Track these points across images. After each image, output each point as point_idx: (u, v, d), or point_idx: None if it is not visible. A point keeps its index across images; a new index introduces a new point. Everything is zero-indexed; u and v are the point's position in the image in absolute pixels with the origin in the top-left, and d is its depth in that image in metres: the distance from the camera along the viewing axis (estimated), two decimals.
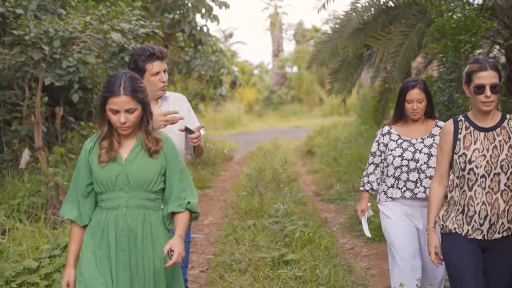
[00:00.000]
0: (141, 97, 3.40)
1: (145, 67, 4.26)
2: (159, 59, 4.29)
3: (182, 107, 4.50)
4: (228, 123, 28.86)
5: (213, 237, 8.45)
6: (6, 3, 9.87)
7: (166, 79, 4.35)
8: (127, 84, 3.36)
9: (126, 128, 3.41)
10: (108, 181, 3.45)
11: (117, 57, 9.43)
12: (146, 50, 4.28)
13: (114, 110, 3.37)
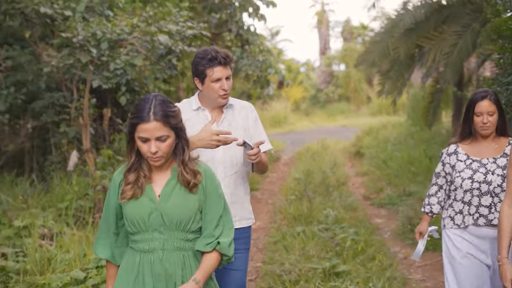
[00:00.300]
0: (174, 123, 2.99)
1: (205, 72, 3.93)
2: (221, 64, 3.91)
3: (248, 117, 4.12)
4: (275, 122, 28.69)
5: (262, 243, 8.27)
6: (55, 5, 9.87)
7: (228, 87, 3.97)
8: (158, 108, 2.96)
9: (157, 158, 3.00)
10: (140, 220, 3.05)
11: (164, 59, 9.34)
12: (208, 54, 3.93)
13: (144, 138, 2.95)
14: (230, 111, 4.08)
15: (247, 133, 4.04)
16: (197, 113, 4.03)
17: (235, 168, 4.01)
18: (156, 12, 10.12)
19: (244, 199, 4.13)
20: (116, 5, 10.97)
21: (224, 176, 3.95)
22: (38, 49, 10.48)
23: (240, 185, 4.05)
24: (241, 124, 4.07)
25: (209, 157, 3.89)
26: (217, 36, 16.45)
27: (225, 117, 4.05)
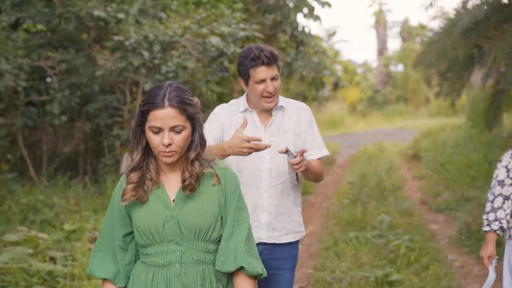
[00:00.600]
0: (191, 111, 2.59)
1: (248, 72, 3.56)
2: (265, 64, 3.52)
3: (301, 120, 3.68)
4: (331, 124, 28.39)
5: (314, 248, 8.10)
6: (108, 8, 9.91)
7: (273, 89, 3.56)
8: (173, 94, 2.56)
9: (170, 153, 2.57)
10: (153, 230, 2.63)
11: (216, 61, 9.27)
12: (250, 52, 3.55)
13: (156, 127, 2.54)
14: (280, 114, 3.70)
15: (298, 138, 3.66)
16: (244, 116, 3.63)
17: (282, 177, 3.62)
18: (209, 14, 10.06)
19: (292, 211, 3.70)
20: (169, 7, 10.96)
21: (269, 186, 3.60)
22: (92, 52, 10.55)
23: (288, 196, 3.65)
24: (292, 128, 3.66)
25: (254, 165, 3.59)
26: (271, 37, 16.34)
27: (273, 120, 3.67)
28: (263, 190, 3.60)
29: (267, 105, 3.60)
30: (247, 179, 3.59)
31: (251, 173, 3.59)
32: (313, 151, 3.66)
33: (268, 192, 3.60)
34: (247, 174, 3.60)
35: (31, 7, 10.23)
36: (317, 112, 28.80)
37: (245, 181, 3.56)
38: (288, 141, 3.62)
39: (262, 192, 3.60)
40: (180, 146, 2.58)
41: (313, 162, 3.59)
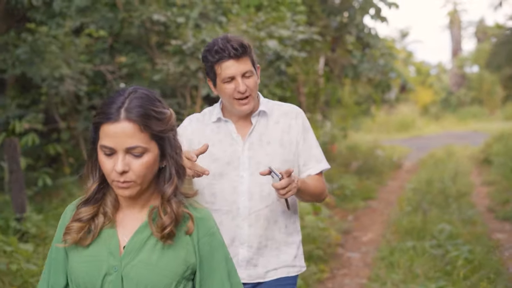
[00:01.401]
0: (158, 129, 1.91)
1: (214, 68, 2.88)
2: (232, 57, 2.82)
3: (291, 127, 3.01)
4: (401, 127, 27.87)
5: (370, 257, 7.89)
6: (169, 13, 9.97)
7: (245, 88, 2.85)
8: (135, 103, 1.89)
9: (126, 184, 1.91)
10: (89, 284, 1.97)
11: (274, 65, 9.19)
12: (214, 44, 2.87)
13: (108, 148, 1.89)
14: (263, 121, 3.01)
15: (287, 150, 2.98)
16: (217, 127, 3.00)
17: (266, 201, 2.94)
18: (268, 18, 9.98)
19: (283, 242, 3.02)
20: (230, 11, 10.94)
21: (248, 212, 2.93)
22: (154, 56, 10.63)
23: (276, 223, 2.96)
24: (279, 138, 2.98)
25: (230, 188, 2.94)
26: (337, 39, 16.15)
27: (253, 129, 2.99)
28: (241, 218, 2.94)
29: (241, 109, 2.91)
30: (222, 205, 2.93)
31: (226, 197, 2.93)
32: (310, 165, 3.02)
33: (248, 220, 2.94)
34: (222, 198, 2.93)
35: (95, 12, 10.40)
36: (388, 114, 28.36)
37: (220, 208, 2.93)
38: (274, 154, 2.96)
39: (240, 221, 2.93)
40: (140, 175, 1.91)
41: (310, 180, 2.96)
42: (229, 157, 2.95)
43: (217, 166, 2.94)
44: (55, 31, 9.88)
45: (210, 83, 2.99)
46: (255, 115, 3.00)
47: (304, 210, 8.15)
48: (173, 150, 1.99)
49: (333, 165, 14.64)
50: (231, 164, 2.94)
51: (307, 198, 3.01)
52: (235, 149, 2.96)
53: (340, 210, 10.47)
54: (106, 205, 2.03)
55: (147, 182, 1.97)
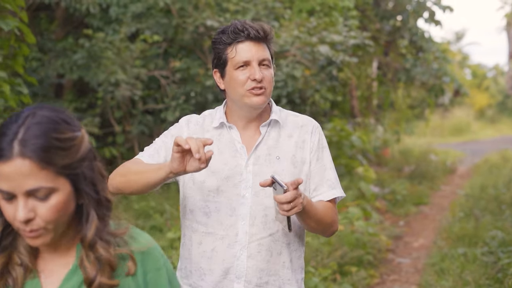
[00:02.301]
0: (65, 162, 1.51)
1: (225, 52, 2.43)
2: (251, 39, 2.40)
3: (305, 142, 2.53)
4: (456, 130, 27.51)
5: (421, 263, 7.87)
6: (221, 18, 10.12)
7: (261, 76, 2.40)
8: (32, 133, 1.49)
9: (34, 233, 1.54)
10: None
11: (325, 70, 9.24)
12: (231, 25, 2.45)
13: (5, 193, 1.51)
14: (274, 132, 2.53)
15: (299, 169, 2.49)
16: (218, 134, 2.53)
17: (271, 228, 2.46)
18: (320, 23, 10.03)
19: (286, 279, 2.52)
20: (282, 16, 11.03)
21: (249, 240, 2.44)
22: (207, 61, 10.79)
23: (280, 256, 2.47)
24: (291, 154, 2.50)
25: (228, 208, 2.45)
26: (390, 43, 16.08)
27: (262, 141, 2.50)
28: (239, 247, 2.44)
29: (254, 100, 2.42)
30: (217, 228, 2.45)
31: (222, 219, 2.44)
32: (322, 190, 2.52)
33: (247, 249, 2.44)
34: (217, 220, 2.45)
35: (150, 18, 10.63)
36: (442, 118, 28.02)
37: (214, 232, 2.45)
38: (283, 172, 2.46)
39: (239, 249, 2.44)
40: (50, 221, 1.54)
41: (320, 204, 2.47)
42: (229, 171, 2.45)
43: (214, 180, 2.45)
44: (111, 36, 10.14)
45: (216, 75, 2.52)
46: (265, 125, 2.51)
47: (354, 215, 8.17)
48: (90, 183, 1.59)
49: (385, 169, 14.60)
50: (231, 180, 2.44)
51: (313, 225, 2.44)
52: (237, 163, 2.46)
53: (391, 215, 10.43)
54: (20, 252, 1.63)
55: (62, 226, 1.59)
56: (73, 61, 10.35)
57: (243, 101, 2.43)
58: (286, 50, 9.22)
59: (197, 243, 2.49)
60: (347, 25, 10.37)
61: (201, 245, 2.48)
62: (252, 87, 2.39)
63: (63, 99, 11.53)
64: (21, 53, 5.68)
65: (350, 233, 7.49)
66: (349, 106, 15.91)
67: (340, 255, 6.78)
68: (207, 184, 2.45)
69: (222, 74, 2.47)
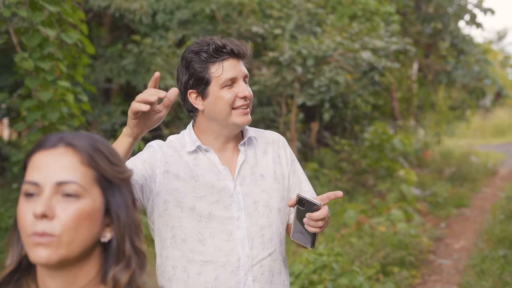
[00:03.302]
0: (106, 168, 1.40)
1: (207, 71, 2.30)
2: (234, 56, 2.31)
3: (280, 157, 2.49)
4: (497, 132, 27.35)
5: (462, 264, 8.04)
6: (266, 25, 10.41)
7: (250, 94, 2.34)
8: (81, 135, 1.42)
9: (44, 239, 1.33)
10: None
11: (367, 75, 9.46)
12: (207, 43, 2.31)
13: (32, 184, 1.36)
14: (251, 150, 2.46)
15: (281, 185, 2.45)
16: (194, 158, 2.38)
17: (269, 248, 2.38)
18: (362, 29, 10.25)
19: None
20: (324, 21, 11.28)
21: (251, 263, 2.33)
22: (251, 66, 11.11)
23: (280, 275, 2.42)
24: (271, 171, 2.45)
25: (224, 233, 2.32)
26: (431, 46, 16.19)
27: (244, 160, 2.41)
28: (244, 271, 2.31)
29: (242, 120, 2.34)
30: (217, 255, 2.30)
31: (220, 246, 2.31)
32: None
33: (252, 273, 2.33)
34: (214, 247, 2.31)
35: (196, 25, 10.97)
36: (484, 119, 27.87)
37: (213, 259, 2.30)
38: (270, 190, 2.41)
39: (243, 275, 2.31)
40: (68, 229, 1.34)
41: None
42: (218, 195, 2.33)
43: (204, 205, 2.31)
44: (158, 42, 10.50)
45: (191, 96, 2.35)
46: (242, 144, 2.43)
47: (396, 217, 8.37)
48: (126, 214, 1.42)
49: (426, 171, 14.73)
50: (221, 203, 2.32)
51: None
52: (224, 185, 2.34)
53: (433, 217, 10.58)
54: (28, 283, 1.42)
55: (78, 248, 1.36)
56: (121, 66, 10.74)
57: (229, 120, 2.33)
58: (329, 56, 9.46)
59: (195, 274, 2.31)
60: (389, 30, 10.56)
61: (201, 276, 2.30)
62: (240, 105, 2.31)
63: (111, 102, 11.95)
64: (81, 63, 6.04)
65: (392, 234, 7.70)
66: (390, 108, 16.06)
67: (383, 256, 7.00)
68: (197, 210, 2.30)
69: (202, 94, 2.32)
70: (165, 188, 2.30)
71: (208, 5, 10.43)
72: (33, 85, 5.42)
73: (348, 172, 11.19)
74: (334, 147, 11.51)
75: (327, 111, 9.86)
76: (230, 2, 10.43)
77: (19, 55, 5.42)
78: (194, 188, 2.31)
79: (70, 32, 5.61)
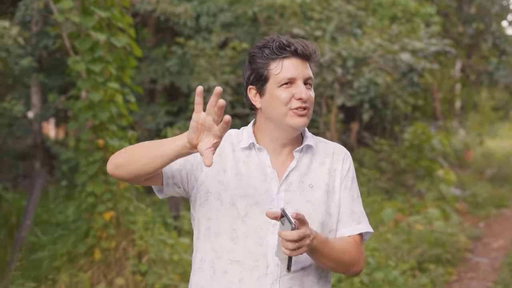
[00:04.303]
0: None
1: (267, 68, 2.24)
2: (298, 56, 2.23)
3: (336, 170, 2.34)
4: None
5: (498, 263, 8.14)
6: (307, 27, 10.62)
7: (307, 96, 2.23)
8: None
9: None
10: None
11: (407, 76, 9.59)
12: (272, 40, 2.25)
13: None
14: (307, 158, 2.35)
15: (331, 199, 2.32)
16: (247, 156, 2.33)
17: (303, 261, 2.27)
18: (401, 31, 10.38)
19: None
20: (365, 23, 11.43)
21: (279, 274, 2.24)
22: None
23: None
24: (325, 182, 2.32)
25: (256, 238, 2.24)
26: (473, 46, 16.18)
27: (296, 166, 2.31)
28: (271, 280, 2.23)
29: (297, 121, 2.23)
30: (246, 257, 2.24)
31: (251, 248, 2.24)
32: (346, 223, 2.33)
33: (279, 284, 2.23)
34: (245, 248, 2.25)
35: (238, 27, 11.24)
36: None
37: (242, 260, 2.24)
38: (317, 202, 2.30)
39: (269, 283, 2.22)
40: None
41: (339, 242, 2.29)
42: (259, 197, 2.25)
43: (243, 204, 2.25)
44: (202, 44, 10.79)
45: (251, 92, 2.30)
46: (298, 150, 2.32)
47: (433, 215, 8.50)
48: None
49: (466, 172, 14.76)
50: (261, 206, 2.24)
51: (329, 264, 2.25)
52: (268, 188, 2.26)
53: (472, 217, 10.66)
54: None
55: None
56: (165, 67, 11.07)
57: (283, 121, 2.24)
58: (369, 57, 9.63)
59: (221, 272, 2.26)
60: (429, 31, 10.67)
61: (226, 274, 2.25)
62: (296, 107, 2.21)
63: (156, 103, 12.30)
64: (128, 66, 6.33)
65: (429, 232, 7.85)
66: (431, 108, 16.10)
67: (419, 253, 7.16)
68: (235, 208, 2.25)
69: (260, 91, 2.26)
70: (210, 179, 2.26)
71: (251, 7, 10.68)
72: (84, 86, 5.73)
73: (387, 171, 11.32)
74: (374, 147, 11.66)
75: (366, 111, 10.02)
76: (272, 4, 10.65)
77: (72, 58, 5.74)
78: (236, 185, 2.26)
79: (119, 36, 5.92)
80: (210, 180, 2.27)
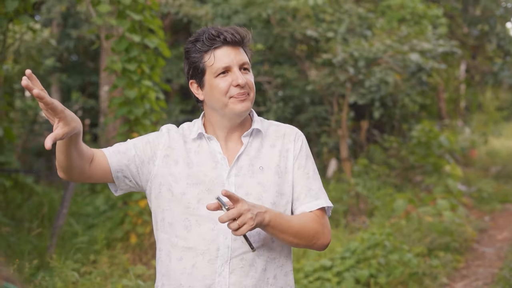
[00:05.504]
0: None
1: (202, 60, 2.32)
2: (228, 43, 2.30)
3: (288, 151, 2.41)
4: None
5: (504, 252, 8.55)
6: (319, 29, 11.06)
7: (244, 81, 2.31)
8: None
9: None
10: None
11: (415, 76, 10.00)
12: (204, 32, 2.33)
13: None
14: (256, 141, 2.42)
15: (283, 180, 2.38)
16: (198, 145, 2.41)
17: (254, 242, 2.32)
18: (410, 32, 10.81)
19: None
20: (374, 25, 11.86)
21: (230, 255, 2.31)
22: (304, 68, 11.76)
23: (264, 272, 2.34)
24: (275, 164, 2.39)
25: (208, 223, 2.29)
26: (478, 47, 16.58)
27: (245, 150, 2.39)
28: (221, 262, 2.30)
29: (238, 107, 2.32)
30: (198, 243, 2.30)
31: (204, 234, 2.30)
32: (305, 200, 2.38)
33: (229, 265, 2.29)
34: (198, 234, 2.31)
35: (252, 29, 11.65)
36: None
37: (195, 246, 2.30)
38: (267, 183, 2.35)
39: (220, 265, 2.29)
40: None
41: (299, 217, 2.34)
42: (210, 183, 2.32)
43: (195, 192, 2.31)
44: None
45: (193, 86, 2.40)
46: (247, 135, 2.40)
47: (442, 206, 8.91)
48: None
49: (472, 169, 15.14)
50: (213, 192, 2.30)
51: (291, 240, 2.30)
52: (219, 174, 2.34)
53: (477, 211, 11.04)
54: None
55: None
56: (180, 67, 11.49)
57: (226, 109, 2.32)
58: (379, 58, 10.05)
59: (176, 259, 2.33)
60: (436, 33, 11.08)
61: (181, 261, 2.31)
62: (236, 94, 2.29)
63: (171, 102, 12.74)
64: (158, 65, 6.79)
65: (438, 222, 8.26)
66: (437, 108, 16.49)
67: (429, 241, 7.59)
68: (187, 197, 2.31)
69: (200, 84, 2.36)
70: (162, 172, 2.35)
71: (265, 9, 11.12)
72: (121, 84, 6.20)
73: (396, 168, 11.71)
74: (383, 144, 12.05)
75: (377, 109, 10.44)
76: (285, 6, 11.07)
77: (110, 58, 6.22)
78: (188, 175, 2.32)
79: (151, 37, 6.38)
80: (162, 173, 2.36)
